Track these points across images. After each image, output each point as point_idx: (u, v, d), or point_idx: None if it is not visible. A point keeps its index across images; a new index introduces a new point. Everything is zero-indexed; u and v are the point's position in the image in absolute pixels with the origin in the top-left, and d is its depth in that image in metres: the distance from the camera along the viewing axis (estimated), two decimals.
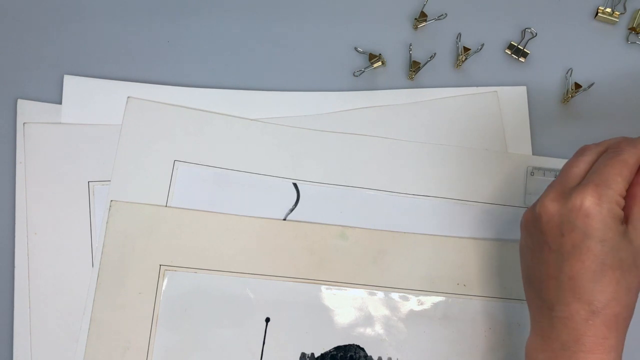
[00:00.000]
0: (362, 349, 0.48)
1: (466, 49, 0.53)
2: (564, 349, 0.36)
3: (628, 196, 0.37)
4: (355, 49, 0.54)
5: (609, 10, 0.54)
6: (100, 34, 0.53)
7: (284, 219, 0.50)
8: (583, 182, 0.37)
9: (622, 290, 0.36)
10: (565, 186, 0.38)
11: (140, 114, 0.51)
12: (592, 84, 0.52)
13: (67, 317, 0.48)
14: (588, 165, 0.38)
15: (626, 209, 0.37)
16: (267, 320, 0.48)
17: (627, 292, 0.36)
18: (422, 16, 0.54)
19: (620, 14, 0.55)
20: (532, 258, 0.39)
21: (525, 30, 0.54)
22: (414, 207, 0.51)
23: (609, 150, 0.38)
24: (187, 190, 0.50)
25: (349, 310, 0.49)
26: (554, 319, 0.37)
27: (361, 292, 0.49)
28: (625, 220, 0.37)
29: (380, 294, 0.49)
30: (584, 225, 0.36)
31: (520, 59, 0.54)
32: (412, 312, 0.49)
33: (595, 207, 0.35)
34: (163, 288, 0.48)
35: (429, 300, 0.49)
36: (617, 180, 0.36)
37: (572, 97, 0.52)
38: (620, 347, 0.36)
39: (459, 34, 0.54)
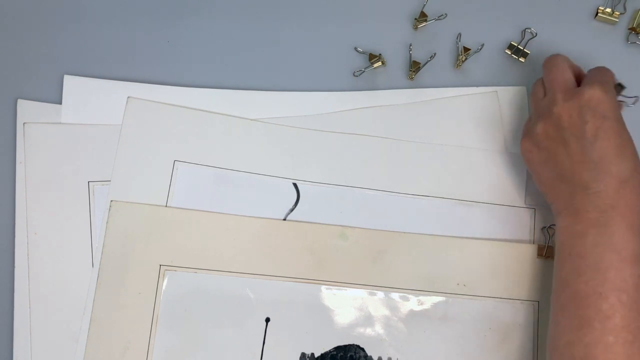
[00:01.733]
0: (362, 349, 0.48)
1: (466, 49, 0.53)
2: (601, 215, 0.41)
3: None
4: (355, 49, 0.54)
5: (609, 10, 0.54)
6: (100, 34, 0.53)
7: (284, 219, 0.50)
8: (586, 82, 0.45)
9: (639, 162, 0.43)
10: (567, 89, 0.45)
11: (140, 114, 0.51)
12: None
13: (67, 317, 0.48)
14: (570, 67, 0.47)
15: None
16: (267, 320, 0.48)
17: None
18: (422, 16, 0.54)
19: (620, 14, 0.55)
20: (555, 160, 0.44)
21: (525, 30, 0.54)
22: (414, 207, 0.51)
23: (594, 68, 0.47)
24: (187, 190, 0.50)
25: (349, 310, 0.49)
26: (589, 195, 0.42)
27: (361, 292, 0.49)
28: None
29: (380, 294, 0.49)
30: (602, 109, 0.43)
31: (520, 59, 0.54)
32: (412, 312, 0.49)
33: (604, 95, 0.43)
34: (163, 288, 0.48)
35: (429, 300, 0.49)
36: (609, 75, 0.46)
37: None
38: None
39: (459, 34, 0.54)
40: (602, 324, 0.39)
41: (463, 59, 0.53)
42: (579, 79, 0.47)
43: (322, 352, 0.48)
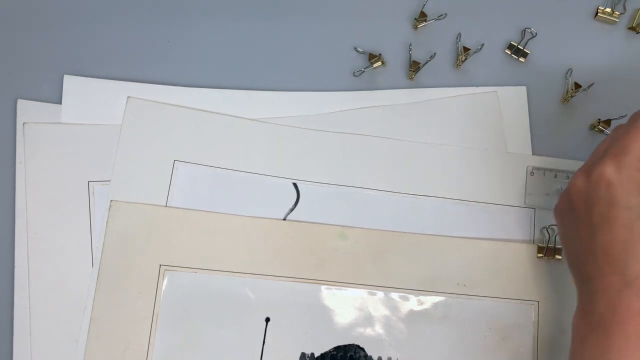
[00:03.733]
0: (362, 349, 0.48)
1: (466, 49, 0.53)
2: (601, 320, 0.36)
3: None
4: (355, 49, 0.54)
5: (609, 10, 0.54)
6: (100, 34, 0.53)
7: (284, 219, 0.50)
8: (599, 149, 0.39)
9: None
10: (591, 163, 0.39)
11: (140, 114, 0.51)
12: (592, 84, 0.52)
13: (67, 317, 0.48)
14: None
15: None
16: (267, 320, 0.48)
17: None
18: (422, 16, 0.54)
19: (620, 14, 0.55)
20: (570, 238, 0.40)
21: (525, 30, 0.54)
22: (414, 207, 0.51)
23: (627, 123, 0.39)
24: (187, 190, 0.50)
25: (349, 310, 0.49)
26: (592, 291, 0.37)
27: (361, 292, 0.49)
28: None
29: (380, 294, 0.49)
30: (607, 195, 0.37)
31: (520, 59, 0.54)
32: (412, 312, 0.49)
33: (615, 175, 0.36)
34: (163, 288, 0.48)
35: (429, 300, 0.49)
36: (634, 147, 0.37)
37: (572, 97, 0.52)
38: None
39: (459, 34, 0.54)
40: None
41: (463, 59, 0.53)
42: None
43: (322, 352, 0.48)
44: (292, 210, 0.50)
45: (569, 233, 0.41)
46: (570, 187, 0.40)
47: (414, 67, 0.52)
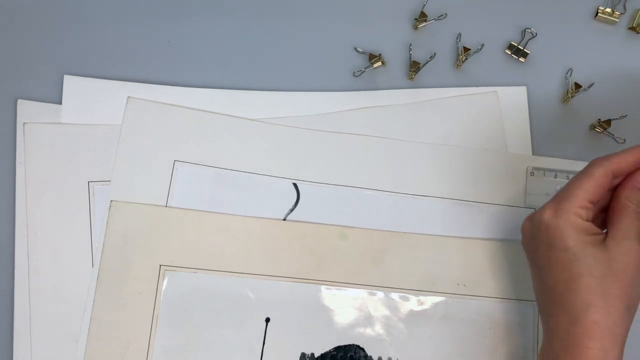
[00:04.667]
0: (362, 349, 0.48)
1: (466, 49, 0.53)
2: (555, 356, 0.38)
3: (609, 209, 0.40)
4: (355, 49, 0.54)
5: (609, 10, 0.54)
6: (100, 34, 0.53)
7: (284, 219, 0.50)
8: (551, 199, 0.40)
9: (597, 296, 0.36)
10: (553, 198, 0.40)
11: (140, 114, 0.51)
12: (592, 84, 0.52)
13: (67, 317, 0.48)
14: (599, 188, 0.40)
15: (607, 221, 0.40)
16: (267, 320, 0.48)
17: (605, 298, 0.36)
18: (422, 16, 0.54)
19: (620, 14, 0.55)
20: (532, 275, 0.42)
21: (525, 30, 0.54)
22: (414, 207, 0.51)
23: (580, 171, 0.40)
24: (187, 190, 0.50)
25: (349, 310, 0.49)
26: (547, 330, 0.39)
27: (361, 292, 0.49)
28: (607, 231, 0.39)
29: (380, 294, 0.49)
30: (546, 238, 0.39)
31: (520, 59, 0.54)
32: (412, 312, 0.49)
33: (552, 219, 0.38)
34: (163, 288, 0.48)
35: (429, 300, 0.49)
36: (576, 194, 0.38)
37: (572, 97, 0.52)
38: (608, 357, 0.36)
39: (459, 34, 0.54)
40: None
41: (463, 59, 0.53)
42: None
43: (322, 352, 0.48)
44: (292, 210, 0.50)
45: (531, 271, 0.42)
46: (522, 229, 0.42)
47: (414, 67, 0.52)
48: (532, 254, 0.41)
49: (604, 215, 0.41)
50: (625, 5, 0.55)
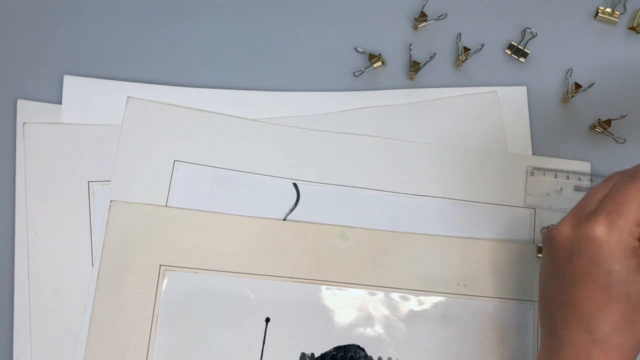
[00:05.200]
0: (362, 349, 0.48)
1: (466, 49, 0.53)
2: None
3: None
4: (355, 49, 0.54)
5: (609, 10, 0.54)
6: (100, 34, 0.53)
7: (284, 219, 0.50)
8: (597, 209, 0.36)
9: (626, 323, 0.35)
10: (582, 212, 0.37)
11: (140, 114, 0.51)
12: (592, 84, 0.52)
13: (67, 317, 0.48)
14: (608, 191, 0.37)
15: None
16: (267, 320, 0.48)
17: (632, 325, 0.35)
18: (422, 16, 0.54)
19: (620, 14, 0.55)
20: (546, 281, 0.39)
21: (525, 30, 0.54)
22: (414, 207, 0.51)
23: (627, 175, 0.37)
24: (187, 190, 0.50)
25: (349, 310, 0.49)
26: (559, 342, 0.37)
27: (361, 292, 0.49)
28: None
29: (380, 294, 0.49)
30: (592, 254, 0.35)
31: (520, 59, 0.54)
32: (412, 312, 0.49)
33: (605, 236, 0.35)
34: (163, 288, 0.48)
35: (429, 300, 0.49)
36: (630, 208, 0.35)
37: (572, 97, 0.52)
38: None
39: (459, 34, 0.54)
40: None
41: (463, 59, 0.53)
42: None
43: (322, 352, 0.48)
44: (292, 210, 0.50)
45: (546, 276, 0.40)
46: (556, 233, 0.38)
47: (414, 67, 0.52)
48: (564, 263, 0.37)
49: None
50: (625, 5, 0.55)
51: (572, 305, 0.36)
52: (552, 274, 0.38)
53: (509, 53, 0.54)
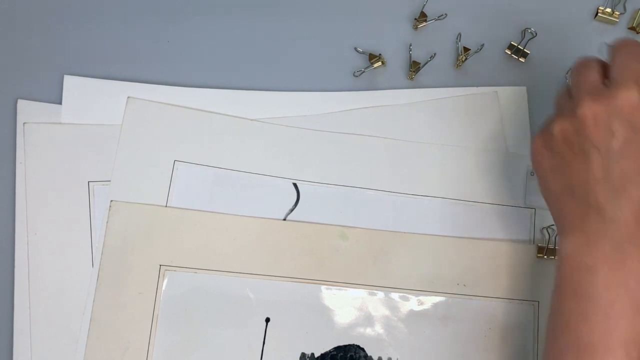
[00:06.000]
0: (362, 349, 0.48)
1: (466, 49, 0.53)
2: (616, 248, 0.35)
3: None
4: (355, 49, 0.54)
5: (609, 10, 0.54)
6: (100, 34, 0.53)
7: (284, 219, 0.50)
8: (618, 80, 0.36)
9: None
10: (595, 90, 0.37)
11: (140, 114, 0.51)
12: None
13: (67, 317, 0.48)
14: (601, 68, 0.38)
15: None
16: (267, 320, 0.48)
17: None
18: (422, 16, 0.54)
19: (620, 14, 0.55)
20: (569, 170, 0.38)
21: (525, 30, 0.54)
22: (414, 207, 0.51)
23: (625, 48, 0.38)
24: (187, 190, 0.50)
25: (349, 310, 0.49)
26: (604, 221, 0.36)
27: (361, 292, 0.49)
28: None
29: (380, 294, 0.49)
30: (634, 121, 0.35)
31: (520, 59, 0.54)
32: (412, 312, 0.49)
33: None
34: (163, 288, 0.48)
35: (429, 300, 0.49)
36: None
37: None
38: None
39: (459, 34, 0.54)
40: None
41: (463, 59, 0.53)
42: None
43: (322, 352, 0.48)
44: (292, 210, 0.50)
45: (568, 162, 0.38)
46: (586, 114, 0.37)
47: (414, 67, 0.52)
48: (602, 140, 0.36)
49: None
50: (625, 5, 0.55)
51: (619, 178, 0.35)
52: (585, 158, 0.37)
53: (509, 53, 0.54)
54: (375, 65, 0.53)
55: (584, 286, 0.36)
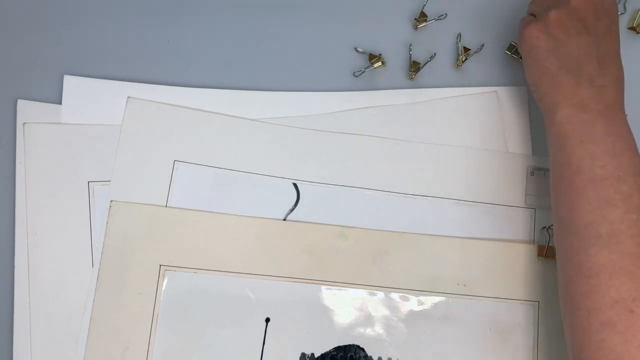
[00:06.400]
0: (362, 349, 0.48)
1: (466, 49, 0.53)
2: (607, 107, 0.43)
3: None
4: (355, 49, 0.54)
5: None
6: (100, 34, 0.53)
7: (284, 219, 0.50)
8: None
9: (592, 54, 0.45)
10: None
11: (140, 114, 0.51)
12: None
13: (67, 317, 0.48)
14: None
15: None
16: (267, 320, 0.48)
17: (604, 59, 0.45)
18: (422, 16, 0.54)
19: (620, 14, 0.54)
20: (564, 49, 0.45)
21: None
22: (414, 207, 0.51)
23: None
24: (187, 190, 0.50)
25: (349, 311, 0.49)
26: (594, 88, 0.44)
27: (361, 292, 0.49)
28: None
29: (380, 294, 0.49)
30: (612, 12, 0.46)
31: (520, 59, 0.54)
32: (412, 312, 0.49)
33: None
34: (163, 288, 0.48)
35: (429, 300, 0.49)
36: None
37: None
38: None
39: (459, 34, 0.54)
40: (625, 202, 0.40)
41: (463, 59, 0.53)
42: None
43: (322, 352, 0.48)
44: (292, 210, 0.50)
45: (564, 43, 0.45)
46: (578, 2, 0.45)
47: (414, 67, 0.52)
48: (590, 24, 0.45)
49: None
50: (626, 5, 0.55)
51: (605, 55, 0.45)
52: (578, 36, 0.45)
53: (509, 53, 0.54)
54: (375, 65, 0.53)
55: (588, 135, 0.43)
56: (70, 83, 0.52)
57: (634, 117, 0.52)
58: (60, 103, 0.51)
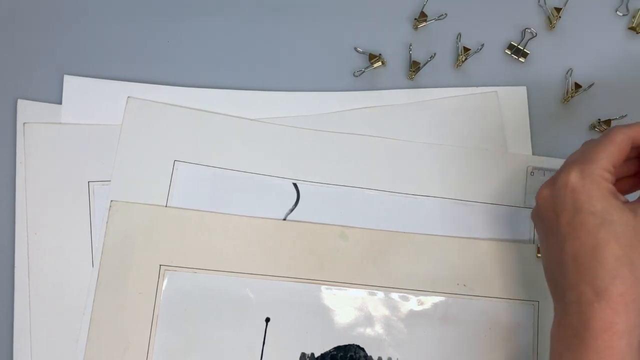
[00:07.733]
0: (362, 349, 0.48)
1: (466, 49, 0.53)
2: (575, 336, 0.35)
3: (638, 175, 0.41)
4: (355, 49, 0.54)
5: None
6: (100, 34, 0.53)
7: (284, 219, 0.50)
8: (567, 161, 0.39)
9: (624, 267, 0.35)
10: (557, 174, 0.39)
11: (140, 114, 0.51)
12: (592, 84, 0.52)
13: (67, 317, 0.48)
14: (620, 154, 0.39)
15: (636, 187, 0.40)
16: (267, 320, 0.48)
17: (631, 269, 0.35)
18: (422, 16, 0.54)
19: (623, 15, 0.54)
20: (544, 247, 0.40)
21: (525, 30, 0.54)
22: (414, 207, 0.51)
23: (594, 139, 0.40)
24: (187, 190, 0.50)
25: (349, 310, 0.49)
26: (565, 304, 0.37)
27: (361, 292, 0.49)
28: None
29: (380, 294, 0.49)
30: (572, 201, 0.37)
31: (520, 59, 0.54)
32: (412, 312, 0.49)
33: (579, 181, 0.37)
34: (163, 288, 0.48)
35: (429, 300, 0.49)
36: (600, 157, 0.37)
37: (572, 97, 0.52)
38: (633, 333, 0.34)
39: (459, 34, 0.54)
40: None
41: (463, 59, 0.53)
42: None
43: (322, 352, 0.48)
44: (292, 210, 0.50)
45: (542, 244, 0.40)
46: (538, 197, 0.40)
47: (414, 67, 0.52)
48: (552, 222, 0.38)
49: (620, 185, 0.40)
50: (628, 6, 0.55)
51: (570, 260, 0.36)
52: (546, 238, 0.39)
53: (509, 53, 0.54)
54: (375, 65, 0.53)
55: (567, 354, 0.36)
56: (70, 83, 0.52)
57: (634, 117, 0.53)
58: (60, 103, 0.51)
